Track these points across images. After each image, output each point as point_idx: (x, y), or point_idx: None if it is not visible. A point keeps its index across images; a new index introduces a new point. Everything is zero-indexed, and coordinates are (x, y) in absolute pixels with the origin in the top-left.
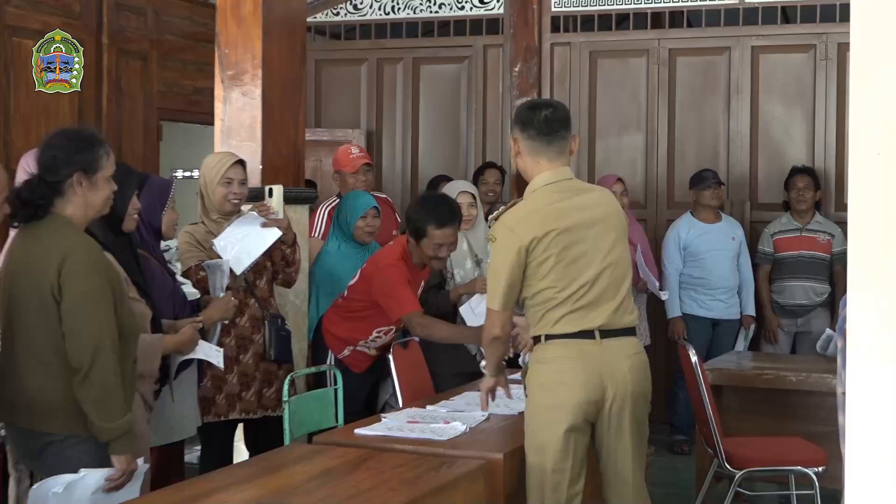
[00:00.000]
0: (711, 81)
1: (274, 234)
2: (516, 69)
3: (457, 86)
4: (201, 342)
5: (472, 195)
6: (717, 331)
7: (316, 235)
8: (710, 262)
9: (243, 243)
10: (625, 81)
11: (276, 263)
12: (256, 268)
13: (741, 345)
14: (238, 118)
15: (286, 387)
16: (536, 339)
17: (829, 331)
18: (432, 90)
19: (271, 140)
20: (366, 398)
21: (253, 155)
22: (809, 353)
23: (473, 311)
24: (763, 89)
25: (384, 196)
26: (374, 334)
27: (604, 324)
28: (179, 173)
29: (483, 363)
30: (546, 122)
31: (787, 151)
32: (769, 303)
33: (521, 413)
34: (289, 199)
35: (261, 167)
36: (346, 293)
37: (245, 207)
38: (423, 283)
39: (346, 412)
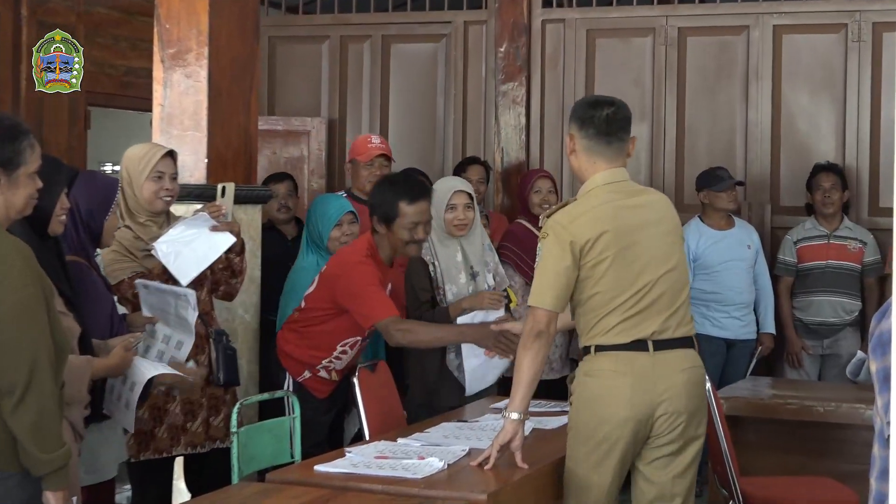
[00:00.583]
0: (727, 65)
1: (227, 239)
2: (502, 49)
3: (433, 68)
4: (141, 361)
5: (469, 195)
6: (732, 353)
7: None
8: (724, 275)
9: (191, 249)
10: (627, 65)
11: (218, 273)
12: (196, 277)
13: (752, 366)
14: (180, 104)
15: (234, 415)
16: (585, 351)
17: (860, 353)
18: (404, 73)
19: (219, 129)
20: (330, 428)
21: (197, 146)
22: (838, 380)
23: None
24: (786, 75)
25: None
26: (339, 349)
27: (657, 331)
28: (109, 167)
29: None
30: (607, 121)
31: (813, 146)
32: (791, 321)
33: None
34: (240, 199)
35: (206, 161)
36: (302, 304)
37: (178, 207)
38: (389, 286)
39: (307, 443)
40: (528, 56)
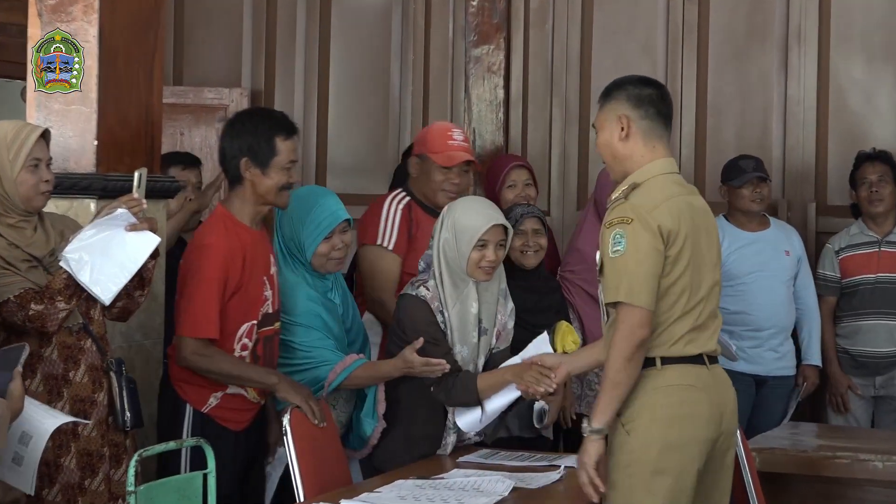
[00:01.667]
0: (760, 26)
1: (150, 241)
2: (474, 4)
3: (386, 26)
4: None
5: (506, 230)
6: (763, 393)
7: (386, 244)
8: (754, 290)
9: (108, 257)
10: (634, 25)
11: None
12: (78, 289)
13: (792, 407)
14: None
15: (132, 468)
16: (643, 365)
17: None
18: (350, 32)
19: (113, 103)
20: (244, 475)
21: (85, 124)
22: None
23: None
24: (836, 38)
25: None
26: (237, 346)
27: (714, 350)
28: None
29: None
30: (663, 101)
31: (869, 130)
32: (835, 353)
33: None
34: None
35: (96, 143)
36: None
37: (60, 202)
38: (273, 261)
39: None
40: (508, 12)
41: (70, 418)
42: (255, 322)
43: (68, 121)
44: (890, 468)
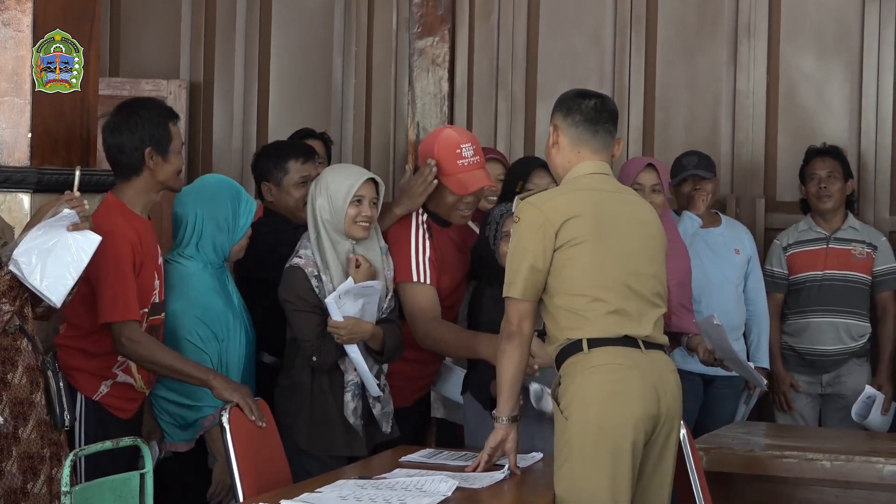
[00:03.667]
0: (710, 19)
1: (93, 239)
2: None
3: (328, 17)
4: None
5: (378, 187)
6: (712, 392)
7: (422, 280)
8: (704, 288)
9: (54, 258)
10: (581, 16)
11: None
12: (21, 290)
13: (741, 411)
14: None
15: (67, 468)
16: (571, 350)
17: (869, 388)
18: (291, 23)
19: (47, 94)
20: (132, 464)
21: (18, 116)
22: (843, 425)
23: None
24: (787, 31)
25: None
26: None
27: (649, 335)
28: None
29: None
30: (595, 109)
31: (820, 125)
32: (779, 351)
33: None
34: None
35: (30, 136)
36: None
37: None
38: (159, 250)
39: None
40: (453, 4)
41: None
42: (146, 310)
43: (1, 112)
44: (837, 467)
